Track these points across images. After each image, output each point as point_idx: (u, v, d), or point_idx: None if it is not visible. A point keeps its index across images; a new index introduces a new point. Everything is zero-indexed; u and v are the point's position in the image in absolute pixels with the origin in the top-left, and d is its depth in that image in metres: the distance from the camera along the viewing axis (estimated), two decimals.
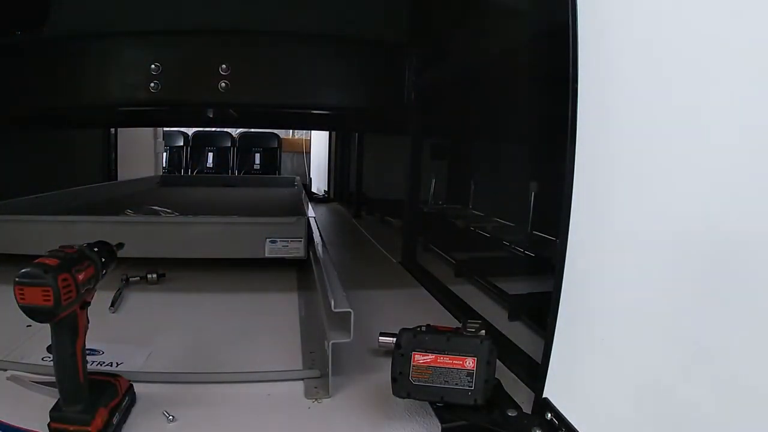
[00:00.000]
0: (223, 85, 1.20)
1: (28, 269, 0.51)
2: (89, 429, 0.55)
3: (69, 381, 0.57)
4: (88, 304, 0.59)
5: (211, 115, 1.90)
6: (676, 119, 0.45)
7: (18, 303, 0.51)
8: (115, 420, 0.60)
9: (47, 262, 0.52)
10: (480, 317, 0.94)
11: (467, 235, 1.67)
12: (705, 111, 0.42)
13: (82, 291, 0.55)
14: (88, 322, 0.60)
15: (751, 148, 0.38)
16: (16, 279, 0.51)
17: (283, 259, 1.26)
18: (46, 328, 0.90)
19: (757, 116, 0.38)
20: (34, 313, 0.52)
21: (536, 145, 1.30)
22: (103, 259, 0.61)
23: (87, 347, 0.80)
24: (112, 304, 1.03)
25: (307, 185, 3.88)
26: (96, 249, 0.61)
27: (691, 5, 0.44)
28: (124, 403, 0.63)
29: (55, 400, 0.65)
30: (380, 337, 0.82)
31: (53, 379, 0.71)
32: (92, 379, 0.60)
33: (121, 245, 0.69)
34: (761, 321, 0.37)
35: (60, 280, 0.52)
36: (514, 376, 0.78)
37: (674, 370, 0.44)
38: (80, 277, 0.55)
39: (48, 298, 0.51)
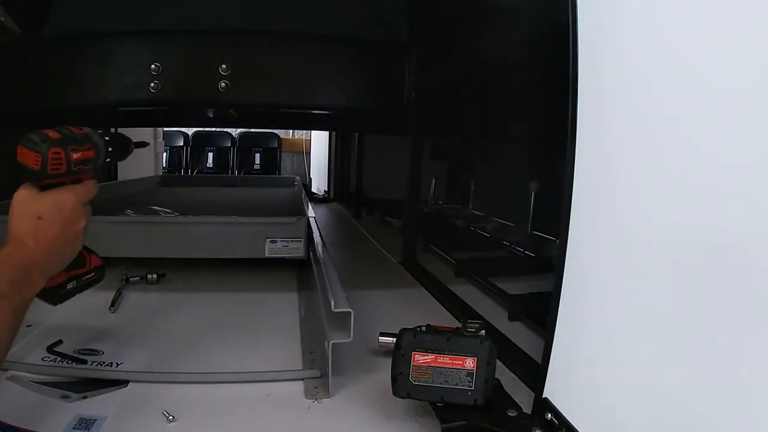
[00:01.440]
0: (223, 85, 1.20)
1: (32, 135, 0.57)
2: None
3: None
4: (80, 181, 0.63)
5: (211, 115, 1.90)
6: (676, 119, 0.45)
7: (16, 159, 0.57)
8: (70, 286, 0.65)
9: (49, 133, 0.58)
10: (480, 317, 0.94)
11: (467, 235, 1.67)
12: (705, 110, 0.42)
13: (74, 168, 0.60)
14: None
15: (751, 148, 0.38)
16: (20, 140, 0.57)
17: (283, 259, 1.26)
18: (47, 328, 0.90)
19: (758, 116, 0.38)
20: (24, 171, 0.58)
21: (536, 145, 1.30)
22: (110, 149, 0.66)
23: (87, 347, 0.82)
24: (112, 304, 1.03)
25: (307, 185, 3.88)
26: (107, 138, 0.65)
27: (691, 4, 0.44)
28: (87, 276, 0.67)
29: (55, 401, 0.66)
30: (380, 337, 0.82)
31: (53, 379, 0.71)
32: None
33: (143, 144, 0.75)
34: (762, 321, 0.37)
35: (51, 152, 0.57)
36: (514, 376, 0.78)
37: (674, 370, 0.44)
38: (74, 155, 0.60)
39: (36, 163, 0.57)
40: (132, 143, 0.72)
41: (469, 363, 0.59)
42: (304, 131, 4.51)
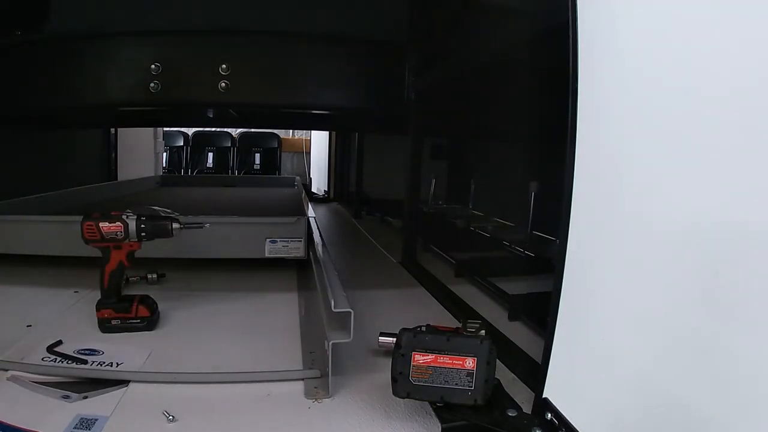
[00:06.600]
0: (223, 85, 1.20)
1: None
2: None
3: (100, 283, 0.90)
4: (120, 248, 0.89)
5: (211, 115, 1.90)
6: (676, 118, 0.45)
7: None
8: (114, 322, 0.89)
9: (94, 214, 0.88)
10: (480, 317, 0.94)
11: (467, 235, 1.67)
12: (705, 109, 0.42)
13: (107, 237, 0.87)
14: (128, 264, 0.90)
15: (751, 147, 0.38)
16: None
17: (283, 259, 1.26)
18: (46, 328, 0.91)
19: (757, 115, 0.38)
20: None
21: (536, 145, 1.30)
22: (143, 226, 0.88)
23: (87, 347, 0.82)
24: None
25: (307, 185, 3.88)
26: (143, 218, 0.89)
27: (691, 4, 0.44)
28: (132, 321, 0.89)
29: (55, 401, 0.66)
30: (380, 337, 0.82)
31: (53, 379, 0.71)
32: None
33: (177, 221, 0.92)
34: (761, 321, 0.37)
35: (85, 225, 0.87)
36: (514, 376, 0.78)
37: (674, 370, 0.44)
38: (104, 228, 0.87)
39: (85, 232, 0.87)
40: (171, 226, 0.90)
41: (469, 363, 0.59)
42: (304, 131, 4.51)
